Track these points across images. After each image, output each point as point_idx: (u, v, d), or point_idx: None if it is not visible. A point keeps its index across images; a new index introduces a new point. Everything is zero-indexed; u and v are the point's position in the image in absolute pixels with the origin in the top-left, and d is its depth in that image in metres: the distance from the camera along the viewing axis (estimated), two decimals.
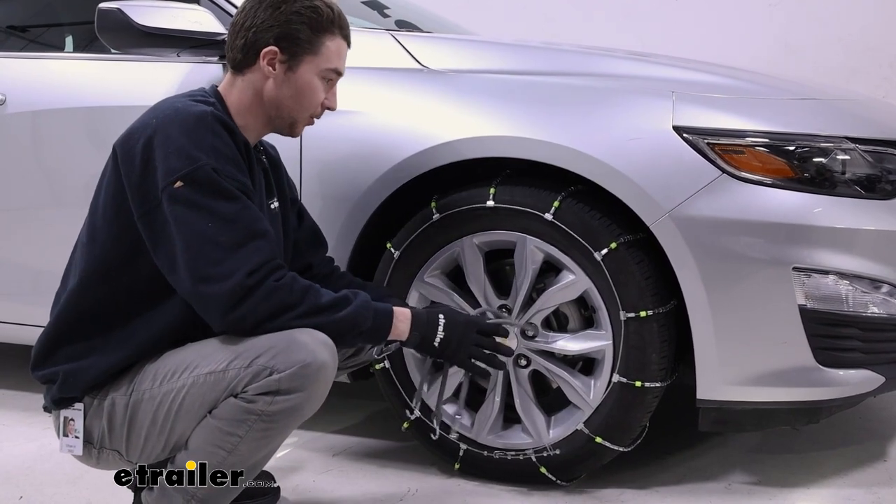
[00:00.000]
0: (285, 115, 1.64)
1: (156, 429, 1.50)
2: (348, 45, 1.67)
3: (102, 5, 2.01)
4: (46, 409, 1.61)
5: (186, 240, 1.44)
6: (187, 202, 1.45)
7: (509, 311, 1.90)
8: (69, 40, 2.80)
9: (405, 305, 1.74)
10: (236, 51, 1.62)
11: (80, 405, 1.54)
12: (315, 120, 1.68)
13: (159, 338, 1.54)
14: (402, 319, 1.59)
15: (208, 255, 1.44)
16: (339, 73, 1.67)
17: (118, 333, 1.54)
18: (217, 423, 1.46)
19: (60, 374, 1.54)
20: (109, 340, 1.54)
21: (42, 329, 1.59)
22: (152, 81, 2.19)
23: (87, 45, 2.65)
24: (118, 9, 1.99)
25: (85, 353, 1.54)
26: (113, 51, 2.18)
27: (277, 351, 1.43)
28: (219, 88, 1.65)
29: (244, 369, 1.44)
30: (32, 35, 2.79)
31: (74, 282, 1.55)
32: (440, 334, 1.61)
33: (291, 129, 1.67)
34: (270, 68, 1.60)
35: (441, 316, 1.63)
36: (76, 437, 1.54)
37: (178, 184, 1.45)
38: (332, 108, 1.68)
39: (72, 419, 1.55)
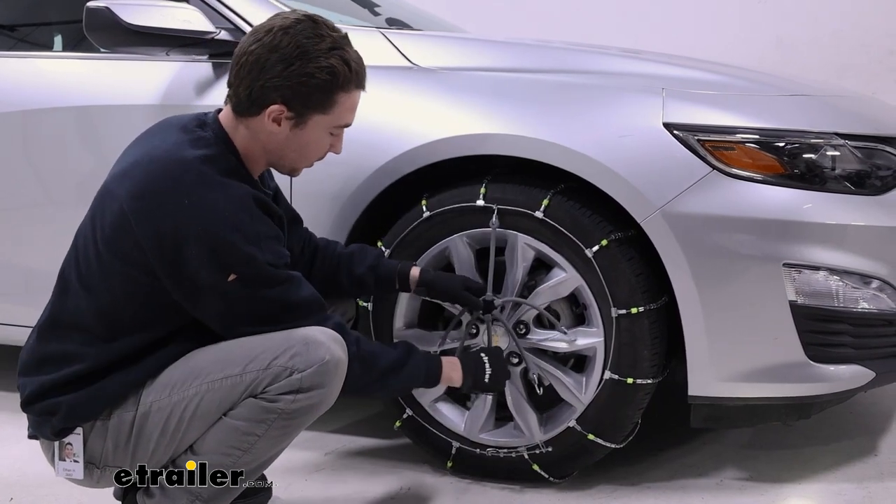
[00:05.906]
0: (286, 164, 1.60)
1: (165, 439, 1.49)
2: (364, 89, 1.58)
3: (91, 4, 2.00)
4: (34, 437, 1.57)
5: (247, 321, 1.49)
6: (242, 295, 1.47)
7: (501, 309, 1.90)
8: (58, 39, 2.79)
9: (409, 268, 1.84)
10: (241, 97, 1.51)
11: (79, 429, 1.51)
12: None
13: (186, 350, 1.53)
14: (452, 368, 1.73)
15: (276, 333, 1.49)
16: (348, 125, 1.59)
17: (145, 360, 1.50)
18: (235, 423, 1.46)
19: (64, 405, 1.48)
20: (132, 370, 1.50)
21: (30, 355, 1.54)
22: (142, 80, 2.18)
23: (76, 44, 2.63)
24: (106, 7, 1.98)
25: (100, 383, 1.49)
26: (102, 50, 2.17)
27: (295, 352, 1.45)
28: (223, 124, 1.54)
29: (262, 371, 1.44)
30: (21, 34, 2.78)
31: (104, 334, 1.49)
32: (488, 371, 1.75)
33: (292, 173, 1.64)
34: (276, 125, 1.51)
35: (483, 354, 1.77)
36: (75, 461, 1.51)
37: (232, 277, 1.44)
38: (336, 153, 1.63)
39: (69, 443, 1.51)
